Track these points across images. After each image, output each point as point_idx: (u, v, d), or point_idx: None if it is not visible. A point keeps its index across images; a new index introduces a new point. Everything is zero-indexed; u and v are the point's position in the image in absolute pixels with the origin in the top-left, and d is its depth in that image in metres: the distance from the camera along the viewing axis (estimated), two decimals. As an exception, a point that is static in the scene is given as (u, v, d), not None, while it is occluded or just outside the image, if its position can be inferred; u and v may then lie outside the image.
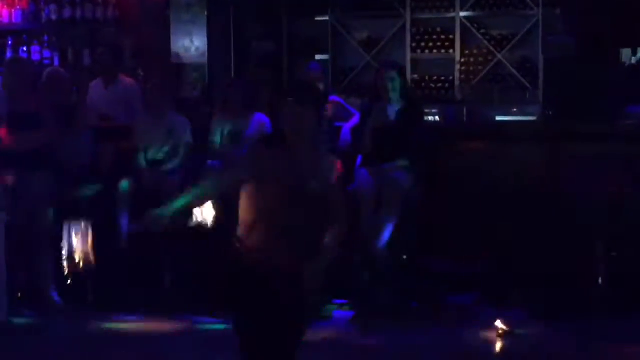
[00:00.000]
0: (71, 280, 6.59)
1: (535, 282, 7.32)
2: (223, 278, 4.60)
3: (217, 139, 7.92)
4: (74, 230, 6.17)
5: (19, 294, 7.40)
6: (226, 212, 5.12)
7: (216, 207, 5.62)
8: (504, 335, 6.74)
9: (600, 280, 7.27)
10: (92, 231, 6.17)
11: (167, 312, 7.30)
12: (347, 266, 6.69)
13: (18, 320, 7.20)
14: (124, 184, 7.75)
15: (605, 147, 7.53)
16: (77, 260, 6.15)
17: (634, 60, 10.62)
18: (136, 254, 7.55)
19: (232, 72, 10.38)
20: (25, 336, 6.99)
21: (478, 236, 7.56)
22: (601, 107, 8.32)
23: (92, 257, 6.16)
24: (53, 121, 7.75)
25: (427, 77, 11.22)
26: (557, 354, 6.45)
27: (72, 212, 7.51)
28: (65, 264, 6.26)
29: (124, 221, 7.65)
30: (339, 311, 7.06)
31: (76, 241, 6.14)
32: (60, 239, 6.92)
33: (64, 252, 6.25)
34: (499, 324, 6.80)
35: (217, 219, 5.74)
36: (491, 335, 6.76)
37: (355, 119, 7.83)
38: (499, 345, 6.67)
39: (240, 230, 4.49)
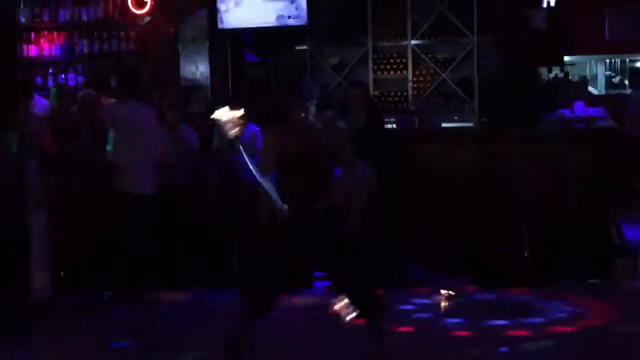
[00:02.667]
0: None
1: (473, 257, 7.32)
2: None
3: (218, 145, 7.87)
4: None
5: (62, 273, 7.25)
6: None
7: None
8: (448, 297, 6.80)
9: (525, 254, 7.28)
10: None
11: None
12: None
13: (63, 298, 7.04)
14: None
15: (528, 146, 7.54)
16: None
17: (550, 75, 10.68)
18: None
19: (230, 92, 10.34)
20: (71, 312, 6.80)
21: (429, 219, 7.54)
22: (524, 115, 8.33)
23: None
24: (87, 133, 7.73)
25: (385, 93, 11.21)
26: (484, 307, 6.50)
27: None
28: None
29: None
30: (319, 281, 7.02)
31: None
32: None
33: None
34: (444, 289, 6.85)
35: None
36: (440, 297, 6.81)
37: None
38: (443, 304, 6.72)
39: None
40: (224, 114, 5.18)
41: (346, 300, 5.03)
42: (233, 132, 5.21)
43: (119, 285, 7.05)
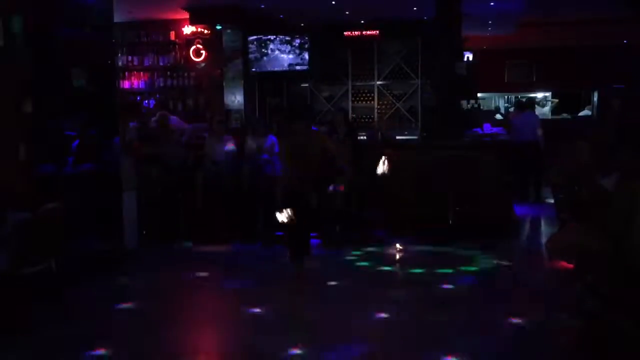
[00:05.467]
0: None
1: (418, 224, 7.35)
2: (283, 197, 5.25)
3: (250, 150, 7.87)
4: None
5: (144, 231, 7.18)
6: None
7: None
8: (401, 251, 6.78)
9: (450, 222, 7.31)
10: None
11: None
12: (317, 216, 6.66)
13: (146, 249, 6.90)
14: (199, 173, 7.69)
15: (454, 152, 7.56)
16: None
17: (468, 106, 10.68)
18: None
19: (257, 114, 10.35)
20: (153, 259, 6.63)
21: (390, 199, 7.56)
22: (451, 131, 8.35)
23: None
24: (163, 140, 7.73)
25: (359, 116, 11.24)
26: (424, 258, 6.44)
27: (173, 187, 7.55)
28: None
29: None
30: (312, 239, 7.03)
31: None
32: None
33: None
34: (398, 245, 6.84)
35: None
36: (394, 251, 6.79)
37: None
38: (398, 255, 6.70)
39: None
40: None
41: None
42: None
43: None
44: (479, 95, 12.17)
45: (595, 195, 3.75)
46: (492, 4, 9.75)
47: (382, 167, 5.02)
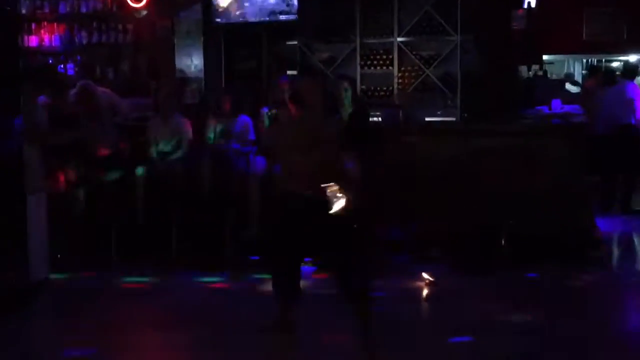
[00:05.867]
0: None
1: (455, 245, 7.34)
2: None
3: (211, 136, 7.88)
4: None
5: (58, 255, 7.21)
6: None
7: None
8: (431, 286, 6.76)
9: (503, 241, 7.32)
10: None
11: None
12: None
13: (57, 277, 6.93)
14: (139, 170, 7.70)
15: (508, 140, 7.56)
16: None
17: (529, 73, 10.71)
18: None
19: (223, 84, 10.33)
20: (64, 292, 6.69)
21: (412, 208, 7.56)
22: (504, 110, 8.35)
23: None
24: (85, 121, 7.71)
25: (372, 88, 11.21)
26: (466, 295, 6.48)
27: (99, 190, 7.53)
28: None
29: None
30: (305, 267, 7.01)
31: None
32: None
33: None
34: (426, 275, 6.82)
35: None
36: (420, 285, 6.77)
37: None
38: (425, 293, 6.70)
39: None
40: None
41: None
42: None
43: None
44: (544, 58, 12.17)
45: None
46: None
47: (337, 206, 4.82)
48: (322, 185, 4.77)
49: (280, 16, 10.24)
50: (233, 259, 7.34)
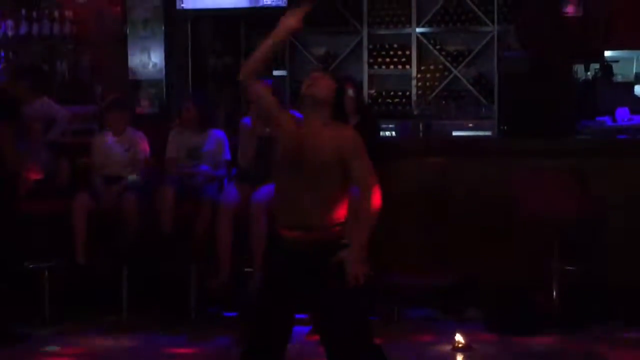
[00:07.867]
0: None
1: (491, 297, 7.35)
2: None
3: (174, 155, 7.87)
4: None
5: None
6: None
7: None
8: (461, 348, 6.74)
9: (554, 295, 7.31)
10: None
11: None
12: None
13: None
14: (80, 199, 7.68)
15: (560, 162, 7.58)
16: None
17: (587, 74, 10.73)
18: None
19: (190, 88, 10.35)
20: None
21: (433, 252, 7.58)
22: (554, 122, 8.37)
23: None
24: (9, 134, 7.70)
25: (384, 92, 11.26)
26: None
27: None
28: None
29: None
30: (298, 326, 7.01)
31: None
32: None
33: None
34: (457, 337, 6.79)
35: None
36: (449, 348, 6.76)
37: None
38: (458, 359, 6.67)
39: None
40: None
41: None
42: None
43: None
44: (607, 54, 12.21)
45: None
46: None
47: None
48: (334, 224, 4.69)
49: (264, 0, 10.29)
50: (198, 316, 7.34)
